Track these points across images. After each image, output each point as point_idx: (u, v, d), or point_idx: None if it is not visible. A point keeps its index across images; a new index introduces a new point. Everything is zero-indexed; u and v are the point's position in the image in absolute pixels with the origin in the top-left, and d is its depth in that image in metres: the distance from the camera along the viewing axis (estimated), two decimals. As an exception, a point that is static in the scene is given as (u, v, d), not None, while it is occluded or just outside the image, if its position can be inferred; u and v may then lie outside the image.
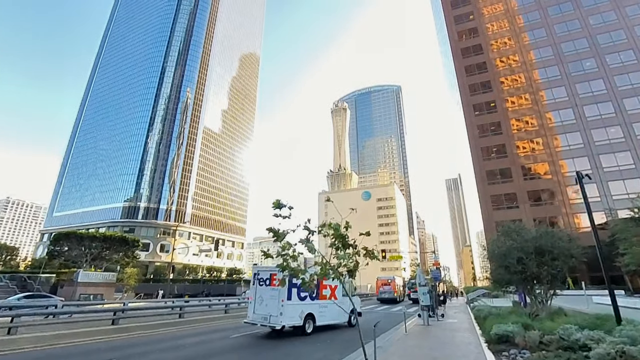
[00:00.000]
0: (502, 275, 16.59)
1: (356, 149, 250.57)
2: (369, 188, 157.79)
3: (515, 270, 14.92)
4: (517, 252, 14.96)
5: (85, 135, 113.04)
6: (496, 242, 17.62)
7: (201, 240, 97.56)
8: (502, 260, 15.93)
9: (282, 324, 13.23)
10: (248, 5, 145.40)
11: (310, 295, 14.58)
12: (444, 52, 75.19)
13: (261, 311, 13.89)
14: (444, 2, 65.02)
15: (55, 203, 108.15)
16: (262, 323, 13.76)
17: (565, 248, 14.69)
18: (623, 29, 48.61)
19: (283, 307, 13.29)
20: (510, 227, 17.08)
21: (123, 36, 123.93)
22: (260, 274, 14.64)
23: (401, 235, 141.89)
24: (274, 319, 13.34)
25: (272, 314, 13.45)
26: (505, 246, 15.83)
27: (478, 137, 52.35)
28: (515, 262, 14.71)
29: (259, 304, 14.13)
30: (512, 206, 46.70)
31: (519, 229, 16.69)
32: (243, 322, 15.21)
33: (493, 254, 17.46)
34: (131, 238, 46.76)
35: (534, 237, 15.07)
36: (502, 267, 15.91)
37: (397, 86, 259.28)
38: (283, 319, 13.22)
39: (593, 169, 43.69)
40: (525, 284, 15.60)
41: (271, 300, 13.73)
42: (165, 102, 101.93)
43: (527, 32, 54.84)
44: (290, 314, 13.53)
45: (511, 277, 15.61)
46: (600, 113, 45.76)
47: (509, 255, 15.30)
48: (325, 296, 15.61)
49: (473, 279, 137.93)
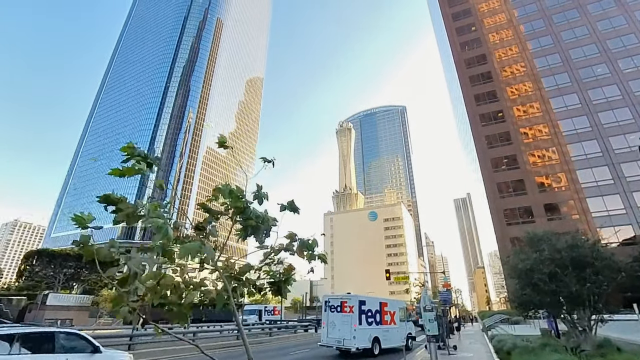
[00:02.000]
0: (528, 297, 13.17)
1: (362, 169, 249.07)
2: (376, 208, 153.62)
3: (547, 290, 11.62)
4: (548, 265, 11.71)
5: (88, 153, 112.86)
6: (518, 255, 14.30)
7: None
8: (527, 278, 12.64)
9: (356, 347, 14.72)
10: (251, 29, 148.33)
11: (375, 320, 16.26)
12: (447, 64, 73.71)
13: (334, 335, 15.48)
14: (445, 14, 64.08)
15: (53, 224, 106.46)
16: (337, 346, 15.41)
17: (610, 260, 11.41)
18: (634, 32, 46.33)
19: (355, 331, 14.89)
20: (537, 235, 13.83)
21: (129, 61, 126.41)
22: (331, 302, 16.23)
23: (410, 257, 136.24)
24: (348, 342, 14.89)
25: (345, 337, 15.03)
26: (532, 259, 12.57)
27: (487, 149, 49.41)
28: (546, 279, 11.43)
29: (331, 328, 15.75)
30: (527, 221, 42.92)
31: (549, 236, 13.41)
32: (318, 344, 16.92)
33: (515, 269, 14.10)
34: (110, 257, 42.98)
35: (569, 245, 11.81)
36: (529, 285, 12.59)
37: (402, 106, 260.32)
38: (356, 342, 14.77)
39: (615, 179, 40.22)
40: (561, 307, 12.18)
41: (343, 325, 15.32)
42: (167, 122, 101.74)
43: (531, 41, 52.93)
44: (362, 338, 15.09)
45: (542, 298, 12.23)
46: (617, 119, 42.71)
47: (536, 270, 12.04)
48: (387, 321, 17.20)
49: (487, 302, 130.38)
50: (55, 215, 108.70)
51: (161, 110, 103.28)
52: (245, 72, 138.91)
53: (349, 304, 15.42)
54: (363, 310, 15.45)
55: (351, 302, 15.53)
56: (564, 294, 11.28)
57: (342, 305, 15.71)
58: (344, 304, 15.66)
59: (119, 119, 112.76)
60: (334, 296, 16.59)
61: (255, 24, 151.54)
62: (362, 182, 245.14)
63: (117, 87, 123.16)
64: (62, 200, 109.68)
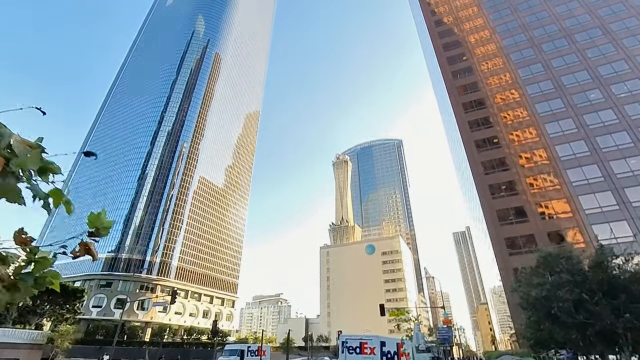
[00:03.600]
0: (547, 332, 10.42)
1: (359, 202, 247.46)
2: (373, 241, 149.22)
3: (572, 323, 8.98)
4: (570, 290, 9.16)
5: (75, 188, 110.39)
6: (530, 279, 11.70)
7: (186, 297, 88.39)
8: (544, 307, 9.99)
9: None
10: (250, 64, 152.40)
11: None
12: (440, 94, 74.14)
13: None
14: (436, 45, 65.25)
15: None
16: None
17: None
18: (624, 59, 46.47)
19: None
20: (552, 254, 11.33)
21: (127, 91, 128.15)
22: (349, 342, 15.24)
23: (410, 293, 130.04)
24: None
25: None
26: (549, 283, 10.02)
27: (483, 174, 47.74)
28: (571, 308, 8.83)
29: None
30: (531, 249, 40.14)
31: (567, 254, 10.93)
32: None
33: (527, 298, 11.43)
34: (73, 287, 39.67)
35: (596, 263, 9.32)
36: (547, 318, 9.92)
37: (398, 140, 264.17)
38: None
39: (620, 204, 38.12)
40: (591, 346, 9.44)
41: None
42: (160, 151, 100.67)
43: (522, 68, 53.13)
44: None
45: (566, 333, 9.51)
46: (616, 143, 41.45)
47: (555, 297, 9.46)
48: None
49: (492, 341, 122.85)
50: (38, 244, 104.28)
51: (154, 139, 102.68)
52: (242, 105, 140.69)
53: (369, 345, 14.45)
54: (384, 351, 14.34)
55: (372, 343, 14.23)
56: (595, 327, 8.64)
57: (361, 346, 14.71)
58: (363, 345, 14.68)
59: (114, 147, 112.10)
60: (352, 336, 15.41)
61: (253, 58, 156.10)
62: (360, 215, 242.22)
63: (111, 121, 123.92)
64: (47, 229, 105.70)
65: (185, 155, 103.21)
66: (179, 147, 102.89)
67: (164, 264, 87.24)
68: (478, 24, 62.89)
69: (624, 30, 48.41)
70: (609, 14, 50.96)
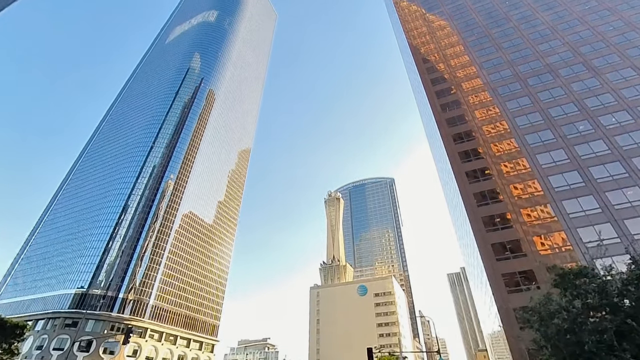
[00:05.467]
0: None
1: (351, 241, 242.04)
2: (365, 281, 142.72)
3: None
4: (603, 318, 6.55)
5: (53, 219, 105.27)
6: (546, 306, 9.00)
7: (159, 340, 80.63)
8: (569, 343, 7.29)
9: None
10: (243, 101, 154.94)
11: None
12: (429, 127, 74.23)
13: None
14: (425, 82, 66.21)
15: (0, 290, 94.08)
16: None
17: None
18: (609, 92, 46.85)
19: None
20: (573, 271, 8.79)
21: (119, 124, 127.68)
22: None
23: (405, 340, 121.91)
24: None
25: None
26: (574, 308, 7.39)
27: (476, 206, 45.66)
28: (613, 340, 6.19)
29: None
30: (531, 286, 37.07)
31: (587, 273, 8.42)
32: None
33: (546, 331, 8.66)
34: (12, 322, 34.69)
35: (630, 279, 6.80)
36: (579, 356, 7.17)
37: (390, 178, 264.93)
38: None
39: (621, 237, 35.92)
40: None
41: None
42: (145, 183, 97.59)
43: (510, 101, 53.39)
44: None
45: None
46: (610, 174, 40.21)
47: (588, 327, 6.81)
48: None
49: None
50: (5, 280, 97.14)
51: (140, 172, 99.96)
52: (233, 141, 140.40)
53: None
54: None
55: None
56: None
57: None
58: None
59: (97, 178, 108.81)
60: None
61: (247, 96, 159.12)
62: (352, 255, 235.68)
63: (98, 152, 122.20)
64: (16, 264, 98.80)
65: (171, 189, 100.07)
66: (164, 180, 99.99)
67: (139, 303, 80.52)
68: (464, 61, 64.47)
69: (607, 66, 49.44)
70: (590, 51, 52.42)
